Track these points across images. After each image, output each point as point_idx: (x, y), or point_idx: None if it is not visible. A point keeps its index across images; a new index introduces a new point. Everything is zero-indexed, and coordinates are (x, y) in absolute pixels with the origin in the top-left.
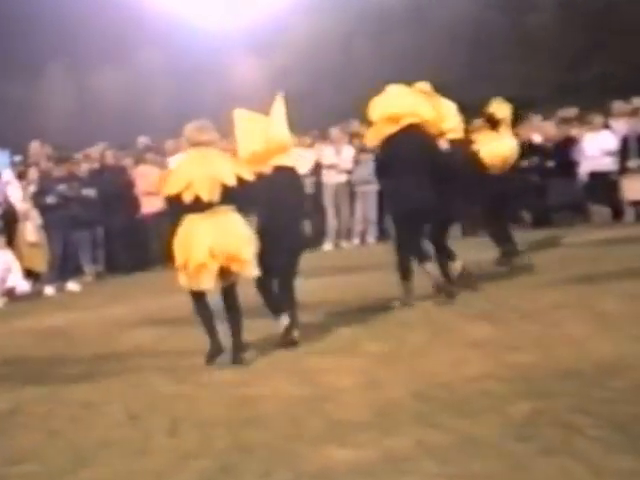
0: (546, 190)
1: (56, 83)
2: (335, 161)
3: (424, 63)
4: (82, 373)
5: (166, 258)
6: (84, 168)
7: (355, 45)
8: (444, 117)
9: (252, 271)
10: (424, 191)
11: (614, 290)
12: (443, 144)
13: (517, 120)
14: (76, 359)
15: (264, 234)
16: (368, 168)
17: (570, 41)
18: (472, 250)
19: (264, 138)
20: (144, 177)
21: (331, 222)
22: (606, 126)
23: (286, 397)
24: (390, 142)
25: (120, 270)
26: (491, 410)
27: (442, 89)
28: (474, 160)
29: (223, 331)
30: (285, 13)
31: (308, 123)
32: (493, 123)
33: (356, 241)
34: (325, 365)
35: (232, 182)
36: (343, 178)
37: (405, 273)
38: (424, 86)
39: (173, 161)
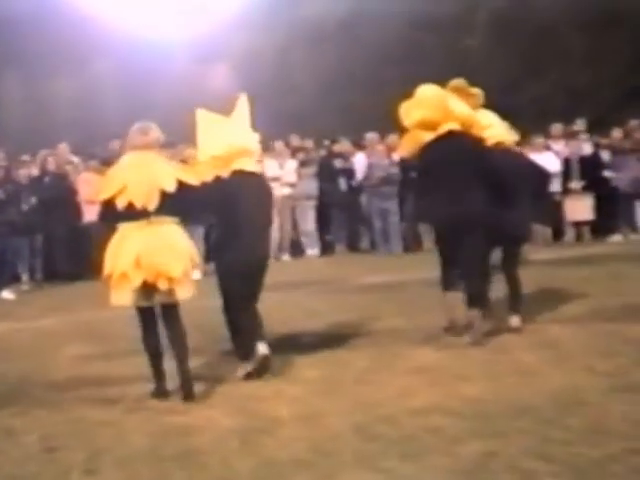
0: None
1: (9, 92)
2: (279, 174)
3: (357, 80)
4: (5, 394)
5: (97, 269)
6: (24, 174)
7: (290, 59)
8: (484, 120)
9: (185, 292)
10: (468, 203)
11: (560, 314)
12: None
13: None
14: (1, 377)
15: (220, 249)
16: (309, 182)
17: (505, 64)
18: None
19: (226, 141)
20: (87, 184)
21: (273, 235)
22: (547, 148)
23: (219, 429)
24: (428, 151)
25: (59, 279)
26: (439, 451)
27: (375, 107)
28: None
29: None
30: (227, 26)
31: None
32: None
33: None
34: (262, 392)
35: (171, 188)
36: (286, 191)
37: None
38: (459, 83)
39: None
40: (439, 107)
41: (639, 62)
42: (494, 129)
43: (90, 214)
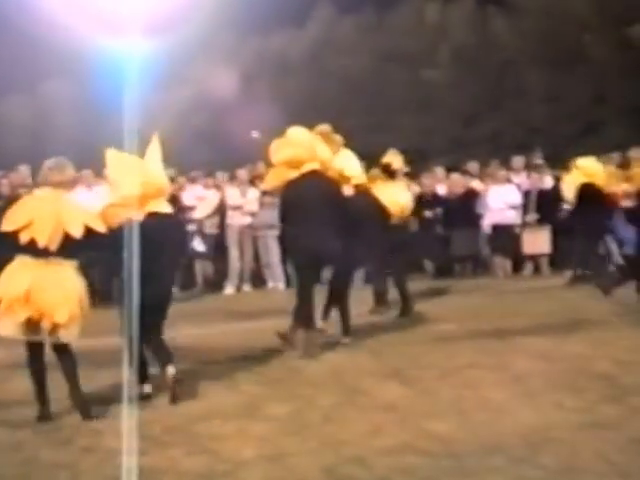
0: (449, 241)
1: None
2: (240, 202)
3: (322, 109)
4: None
5: None
6: None
7: (254, 88)
8: (345, 163)
9: (68, 335)
10: (328, 239)
11: (525, 348)
12: (347, 190)
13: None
14: None
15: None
16: (272, 212)
17: (466, 97)
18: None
19: (139, 181)
20: None
21: (234, 265)
22: (508, 180)
23: (182, 471)
24: (292, 187)
25: None
26: None
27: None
28: (378, 207)
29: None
30: (189, 49)
31: (215, 163)
32: (389, 173)
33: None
34: (225, 431)
35: (77, 234)
36: (247, 220)
37: (306, 322)
38: (325, 129)
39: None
40: (307, 147)
41: (596, 98)
42: (354, 171)
43: None
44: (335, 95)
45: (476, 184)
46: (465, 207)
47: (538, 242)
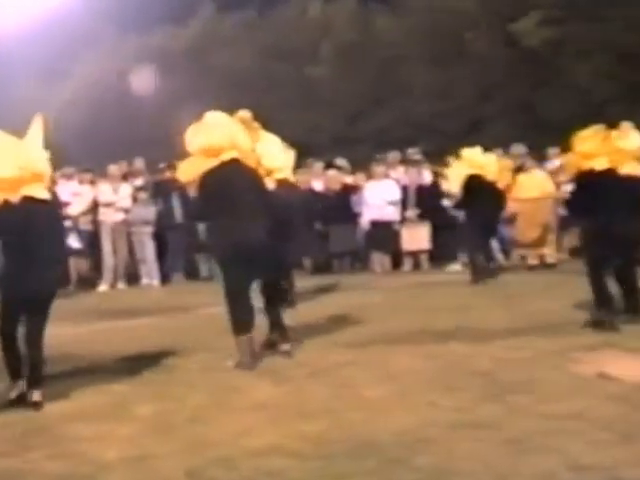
0: (327, 237)
1: None
2: (112, 199)
3: (205, 106)
4: None
5: None
6: None
7: (135, 84)
8: (267, 153)
9: None
10: (255, 231)
11: (403, 346)
12: (269, 183)
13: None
14: None
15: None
16: (146, 208)
17: (350, 94)
18: None
19: (17, 163)
20: None
21: (108, 262)
22: (386, 176)
23: (43, 474)
24: (211, 177)
25: None
26: None
27: None
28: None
29: None
30: (71, 44)
31: (90, 158)
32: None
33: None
34: (89, 432)
35: None
36: (120, 216)
37: (241, 327)
38: (245, 114)
39: None
40: (225, 134)
41: (480, 95)
42: (277, 161)
43: None
44: (218, 92)
45: (350, 180)
46: (343, 203)
47: (417, 238)
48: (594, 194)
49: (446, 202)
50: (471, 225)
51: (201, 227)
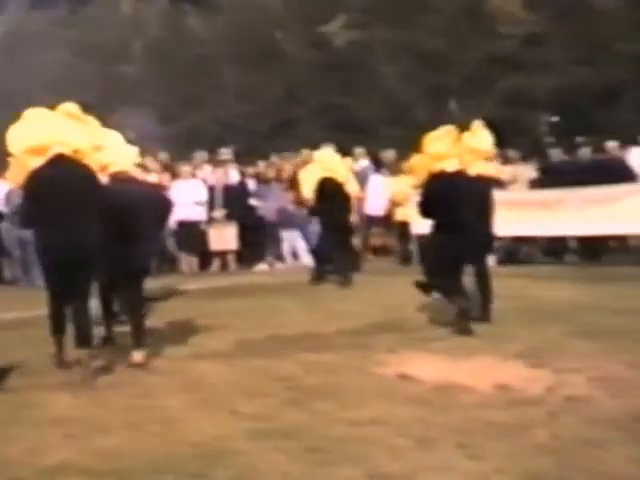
0: None
1: None
2: None
3: (16, 105)
4: None
5: None
6: None
7: None
8: (102, 146)
9: None
10: (80, 235)
11: (208, 351)
12: (103, 179)
13: None
14: None
15: None
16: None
17: (161, 93)
18: None
19: None
20: None
21: None
22: (193, 176)
23: None
24: (34, 178)
25: None
26: None
27: None
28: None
29: None
30: None
31: None
32: None
33: None
34: None
35: None
36: None
37: (56, 328)
38: (71, 108)
39: None
40: (50, 130)
41: (290, 96)
42: (114, 156)
43: None
44: (30, 91)
45: (152, 178)
46: None
47: (225, 238)
48: (444, 196)
49: (253, 202)
50: (326, 229)
51: (4, 228)
